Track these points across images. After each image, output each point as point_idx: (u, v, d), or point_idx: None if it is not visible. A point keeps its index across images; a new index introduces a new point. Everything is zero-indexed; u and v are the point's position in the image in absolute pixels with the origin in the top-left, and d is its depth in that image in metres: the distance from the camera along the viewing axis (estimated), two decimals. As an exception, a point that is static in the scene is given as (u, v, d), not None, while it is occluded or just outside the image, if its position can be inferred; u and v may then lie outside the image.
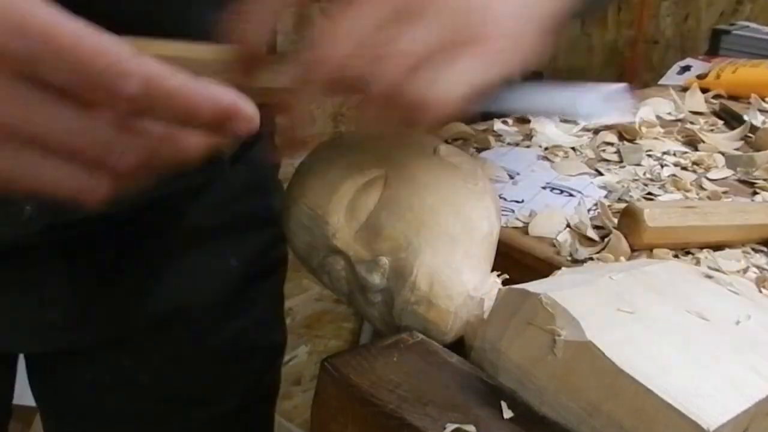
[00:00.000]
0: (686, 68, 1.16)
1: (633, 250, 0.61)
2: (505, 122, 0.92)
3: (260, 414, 0.74)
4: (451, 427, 0.37)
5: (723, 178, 0.78)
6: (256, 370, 0.71)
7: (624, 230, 0.62)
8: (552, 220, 0.66)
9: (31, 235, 0.54)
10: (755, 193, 0.76)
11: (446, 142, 0.67)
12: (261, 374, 0.72)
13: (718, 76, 1.08)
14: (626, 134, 0.87)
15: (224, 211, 0.65)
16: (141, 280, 0.62)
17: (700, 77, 1.10)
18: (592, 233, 0.64)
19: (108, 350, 0.64)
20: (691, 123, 0.94)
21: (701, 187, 0.76)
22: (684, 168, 0.80)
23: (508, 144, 0.85)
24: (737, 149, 0.86)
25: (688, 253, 0.63)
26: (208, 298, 0.66)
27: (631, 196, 0.72)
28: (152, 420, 0.68)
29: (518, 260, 0.62)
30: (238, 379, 0.70)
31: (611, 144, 0.85)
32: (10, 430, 0.76)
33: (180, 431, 0.69)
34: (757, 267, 0.61)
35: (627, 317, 0.40)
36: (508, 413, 0.39)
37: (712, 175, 0.79)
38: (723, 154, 0.84)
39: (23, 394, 0.74)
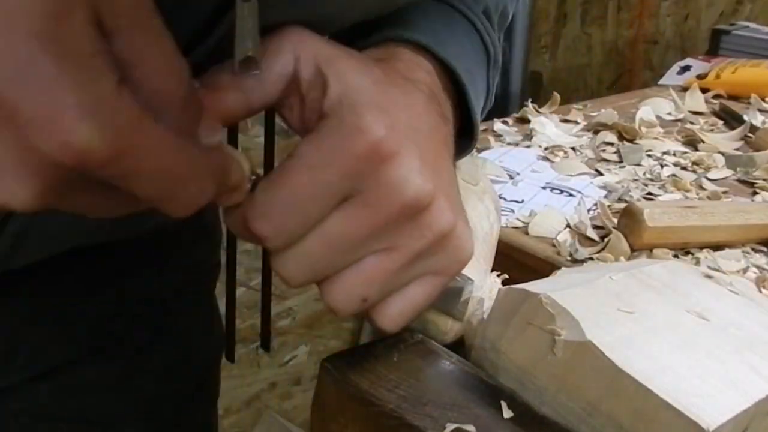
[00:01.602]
0: (686, 68, 1.16)
1: (633, 250, 0.61)
2: (505, 122, 0.92)
3: (202, 414, 0.73)
4: (450, 426, 0.37)
5: (723, 178, 0.79)
6: (193, 378, 0.69)
7: (624, 230, 0.62)
8: (552, 220, 0.66)
9: None
10: (755, 193, 0.76)
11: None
12: (199, 381, 0.70)
13: (718, 76, 1.08)
14: (626, 134, 0.87)
15: (156, 234, 0.62)
16: (66, 314, 0.60)
17: (700, 77, 1.10)
18: (592, 233, 0.64)
19: (35, 381, 0.61)
20: (691, 123, 0.94)
21: (701, 187, 0.76)
22: (684, 168, 0.80)
23: (508, 144, 0.85)
24: (737, 149, 0.86)
25: (688, 253, 0.63)
26: (137, 321, 0.63)
27: (631, 196, 0.72)
28: None
29: (518, 260, 0.62)
30: (176, 390, 0.67)
31: (611, 144, 0.85)
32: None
33: None
34: (757, 267, 0.61)
35: (627, 317, 0.40)
36: (508, 413, 0.39)
37: (712, 175, 0.79)
38: (723, 154, 0.84)
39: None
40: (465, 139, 0.48)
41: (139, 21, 0.29)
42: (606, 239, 0.62)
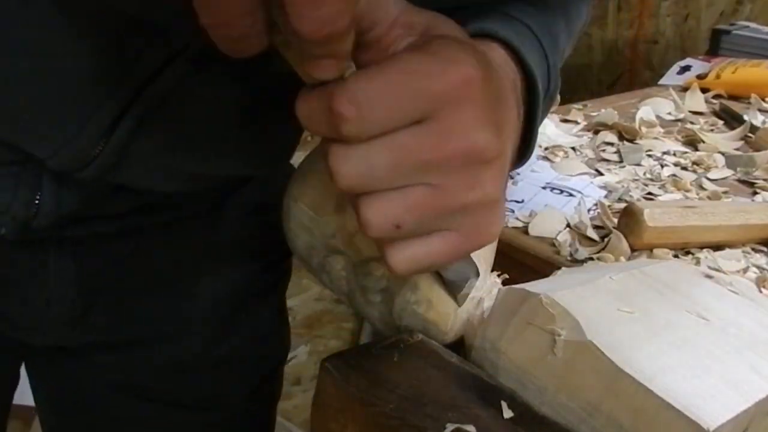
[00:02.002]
0: (686, 68, 1.16)
1: (633, 250, 0.61)
2: (505, 122, 0.92)
3: (260, 417, 0.75)
4: (451, 427, 0.37)
5: (723, 178, 0.79)
6: (257, 377, 0.72)
7: (624, 230, 0.62)
8: (552, 220, 0.66)
9: (41, 228, 0.54)
10: (755, 193, 0.76)
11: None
12: (262, 382, 0.73)
13: (718, 76, 1.08)
14: (626, 134, 0.87)
15: (235, 229, 0.66)
16: (146, 289, 0.63)
17: (700, 77, 1.10)
18: (592, 233, 0.64)
19: (109, 351, 0.65)
20: (691, 123, 0.94)
21: (701, 187, 0.76)
22: (684, 168, 0.80)
23: (508, 144, 0.85)
24: (737, 149, 0.86)
25: (688, 253, 0.63)
26: (212, 311, 0.66)
27: (631, 196, 0.72)
28: (150, 421, 0.68)
29: (518, 260, 0.62)
30: (238, 386, 0.70)
31: (611, 144, 0.85)
32: (10, 429, 0.76)
33: None
34: (757, 267, 0.61)
35: (627, 317, 0.40)
36: (508, 413, 0.39)
37: (712, 175, 0.79)
38: (723, 154, 0.84)
39: (23, 394, 0.74)
40: (523, 148, 0.49)
41: None
42: (606, 239, 0.62)
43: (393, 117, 0.36)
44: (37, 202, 0.53)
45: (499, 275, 0.49)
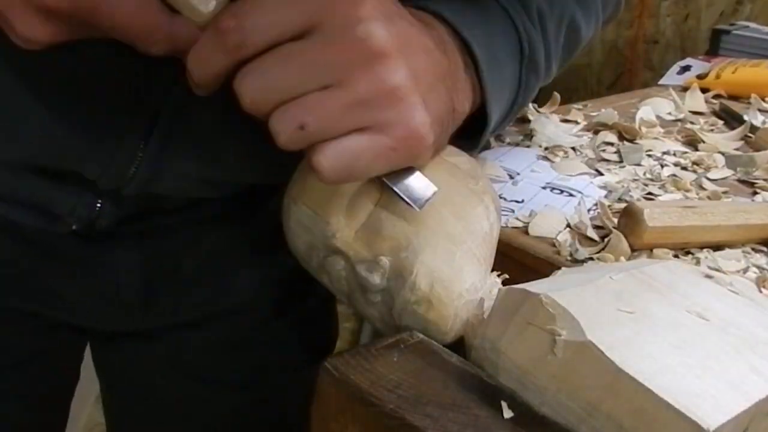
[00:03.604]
0: (686, 68, 1.16)
1: (633, 250, 0.61)
2: (505, 122, 0.92)
3: (297, 403, 0.77)
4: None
5: (723, 178, 0.79)
6: (300, 363, 0.74)
7: (624, 230, 0.62)
8: (552, 220, 0.66)
9: (106, 225, 0.59)
10: (755, 193, 0.76)
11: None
12: (304, 368, 0.74)
13: (718, 76, 1.08)
14: (626, 134, 0.87)
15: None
16: (206, 274, 0.67)
17: (700, 77, 1.10)
18: (592, 233, 0.64)
19: (167, 333, 0.69)
20: (691, 123, 0.94)
21: (701, 187, 0.76)
22: (684, 168, 0.80)
23: (508, 144, 0.85)
24: (737, 149, 0.86)
25: (688, 253, 0.63)
26: (260, 294, 0.70)
27: (631, 196, 0.72)
28: (197, 401, 0.72)
29: (518, 260, 0.62)
30: (282, 369, 0.73)
31: (611, 144, 0.85)
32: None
33: (219, 413, 0.73)
34: (757, 267, 0.61)
35: (627, 317, 0.40)
36: (508, 413, 0.39)
37: (712, 175, 0.79)
38: (723, 154, 0.84)
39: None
40: (480, 121, 0.50)
41: None
42: (606, 239, 0.62)
43: (276, 23, 0.39)
44: (98, 205, 0.58)
45: (499, 275, 0.49)
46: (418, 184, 0.45)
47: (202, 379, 0.71)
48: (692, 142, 0.87)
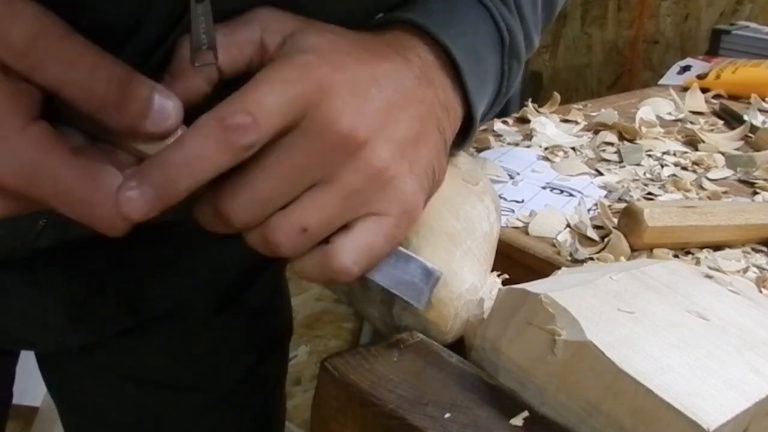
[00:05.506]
0: (686, 68, 1.16)
1: (633, 250, 0.61)
2: (505, 122, 0.92)
3: (256, 403, 0.75)
4: (447, 414, 0.38)
5: (723, 178, 0.79)
6: (250, 359, 0.72)
7: (624, 230, 0.62)
8: (552, 220, 0.66)
9: (39, 247, 0.55)
10: (755, 193, 0.76)
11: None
12: (255, 364, 0.73)
13: (718, 76, 1.08)
14: (626, 134, 0.87)
15: None
16: (137, 283, 0.64)
17: (700, 77, 1.10)
18: (592, 233, 0.64)
19: (110, 342, 0.67)
20: (691, 123, 0.94)
21: (701, 187, 0.76)
22: (684, 168, 0.80)
23: (508, 144, 0.85)
24: (737, 149, 0.86)
25: (688, 253, 0.63)
26: (206, 294, 0.67)
27: (631, 196, 0.72)
28: (150, 406, 0.70)
29: (518, 260, 0.62)
30: (232, 367, 0.71)
31: (611, 144, 0.85)
32: (10, 429, 0.77)
33: (175, 416, 0.71)
34: (757, 267, 0.61)
35: (627, 317, 0.40)
36: (518, 421, 0.39)
37: (712, 175, 0.79)
38: (723, 154, 0.84)
39: (23, 394, 0.75)
40: (469, 121, 0.49)
41: (47, 52, 0.33)
42: (606, 239, 0.62)
43: (280, 114, 0.37)
44: (42, 224, 0.53)
45: (499, 275, 0.49)
46: (418, 275, 0.44)
47: (154, 384, 0.69)
48: (692, 142, 0.87)
